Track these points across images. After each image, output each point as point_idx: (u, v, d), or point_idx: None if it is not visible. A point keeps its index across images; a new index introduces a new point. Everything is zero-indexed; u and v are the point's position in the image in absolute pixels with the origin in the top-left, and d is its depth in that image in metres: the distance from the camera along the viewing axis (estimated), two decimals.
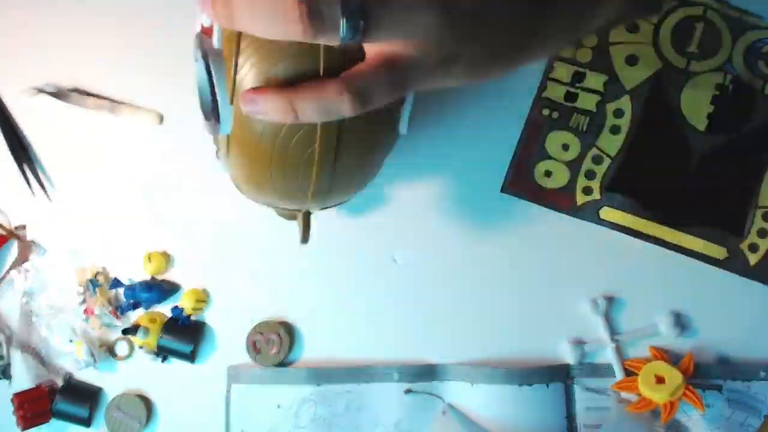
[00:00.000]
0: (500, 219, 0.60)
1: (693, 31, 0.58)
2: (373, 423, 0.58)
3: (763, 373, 0.57)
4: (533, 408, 0.57)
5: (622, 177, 0.59)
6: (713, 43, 0.59)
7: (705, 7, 0.58)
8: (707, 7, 0.58)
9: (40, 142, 0.63)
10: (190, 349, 0.59)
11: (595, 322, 0.58)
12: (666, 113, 0.58)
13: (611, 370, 0.58)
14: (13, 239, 0.62)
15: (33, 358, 0.61)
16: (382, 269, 0.60)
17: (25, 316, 0.62)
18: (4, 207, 0.63)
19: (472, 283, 0.60)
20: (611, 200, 0.59)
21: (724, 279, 0.58)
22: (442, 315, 0.60)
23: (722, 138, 0.58)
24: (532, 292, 0.59)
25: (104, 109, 0.62)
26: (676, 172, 0.58)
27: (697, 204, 0.58)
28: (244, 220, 0.61)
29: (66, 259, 0.62)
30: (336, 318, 0.60)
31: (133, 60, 0.63)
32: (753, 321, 0.58)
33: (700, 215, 0.58)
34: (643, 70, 0.59)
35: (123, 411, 0.60)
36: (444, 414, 0.57)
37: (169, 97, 0.62)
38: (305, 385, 0.59)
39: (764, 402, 0.57)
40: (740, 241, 0.58)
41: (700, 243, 0.58)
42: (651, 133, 0.59)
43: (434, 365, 0.59)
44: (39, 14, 0.64)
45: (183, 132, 0.62)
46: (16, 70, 0.63)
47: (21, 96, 0.63)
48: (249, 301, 0.61)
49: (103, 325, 0.61)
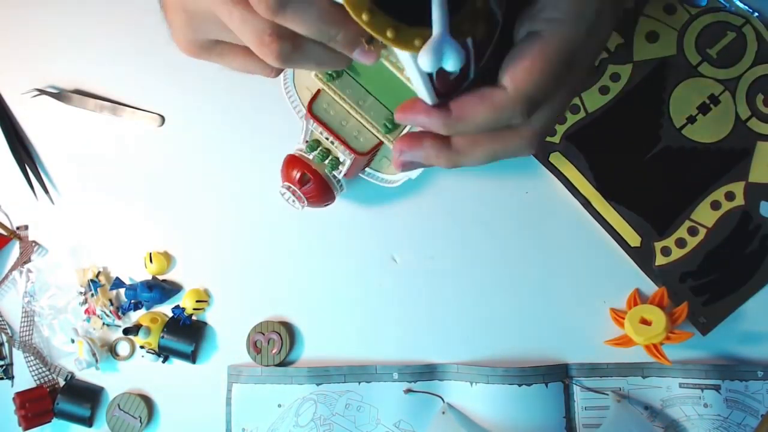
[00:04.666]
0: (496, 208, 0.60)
1: (721, 38, 0.59)
2: (373, 423, 0.58)
3: (760, 373, 0.57)
4: (532, 408, 0.57)
5: (586, 133, 0.59)
6: (733, 56, 0.59)
7: (746, 21, 0.58)
8: (748, 21, 0.58)
9: (42, 144, 0.63)
10: (191, 349, 0.60)
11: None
12: (655, 97, 0.59)
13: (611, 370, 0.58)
14: (15, 240, 0.63)
15: (35, 358, 0.61)
16: (382, 269, 0.60)
17: (26, 316, 0.62)
18: (5, 208, 0.63)
19: (472, 283, 0.60)
20: (566, 149, 0.59)
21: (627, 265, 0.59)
22: (442, 315, 0.60)
23: (691, 143, 0.59)
24: (532, 292, 0.59)
25: (106, 110, 0.62)
26: (636, 152, 0.59)
27: (637, 189, 0.59)
28: (244, 220, 0.61)
29: (67, 259, 0.62)
30: (336, 318, 0.60)
31: (134, 62, 0.63)
32: (752, 321, 0.58)
33: (635, 200, 0.59)
34: (657, 49, 0.59)
35: (124, 411, 0.60)
36: (443, 414, 0.58)
37: (170, 99, 0.63)
38: (305, 384, 0.59)
39: (762, 402, 0.57)
40: (656, 240, 0.58)
41: (623, 224, 0.59)
42: (633, 108, 0.59)
43: (434, 365, 0.59)
44: (40, 16, 0.64)
45: (184, 133, 0.62)
46: (18, 72, 0.63)
47: (23, 97, 0.63)
48: (250, 301, 0.61)
49: (104, 325, 0.61)
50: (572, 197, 0.59)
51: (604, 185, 0.59)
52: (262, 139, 0.62)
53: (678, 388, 0.57)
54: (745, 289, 0.58)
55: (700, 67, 0.59)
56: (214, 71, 0.63)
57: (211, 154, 0.62)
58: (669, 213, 0.59)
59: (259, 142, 0.62)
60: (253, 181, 0.62)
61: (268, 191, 0.61)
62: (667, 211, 0.59)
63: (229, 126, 0.62)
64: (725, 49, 0.58)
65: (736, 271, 0.58)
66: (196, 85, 0.63)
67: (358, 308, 0.60)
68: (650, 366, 0.58)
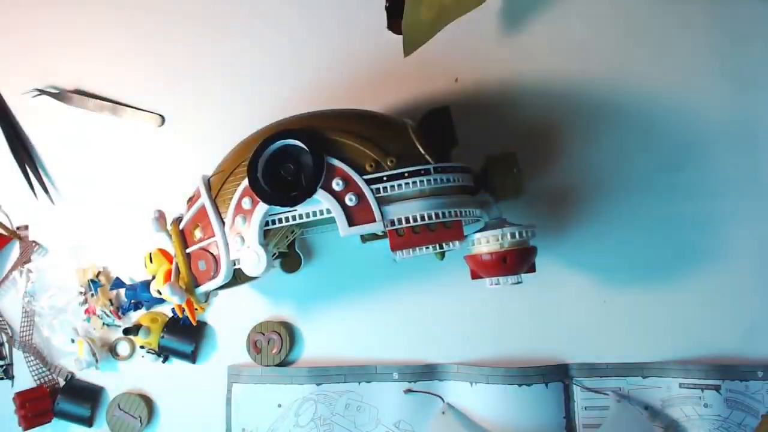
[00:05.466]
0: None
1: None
2: (373, 422, 0.58)
3: (760, 373, 0.57)
4: (532, 407, 0.57)
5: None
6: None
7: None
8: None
9: (42, 144, 0.63)
10: (191, 349, 0.60)
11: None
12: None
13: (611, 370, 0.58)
14: (15, 240, 0.63)
15: (35, 358, 0.61)
16: (382, 269, 0.60)
17: (26, 316, 0.62)
18: (6, 208, 0.63)
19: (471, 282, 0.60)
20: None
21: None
22: (442, 315, 0.60)
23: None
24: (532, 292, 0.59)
25: (106, 110, 0.63)
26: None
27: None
28: None
29: (67, 259, 0.62)
30: (336, 318, 0.60)
31: (134, 62, 0.63)
32: (751, 321, 0.58)
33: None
34: None
35: (124, 411, 0.60)
36: (443, 413, 0.58)
37: (170, 99, 0.63)
38: (305, 384, 0.59)
39: (762, 402, 0.57)
40: None
41: None
42: None
43: (434, 365, 0.59)
44: (41, 16, 0.64)
45: (184, 133, 0.62)
46: (18, 72, 0.63)
47: (23, 97, 0.63)
48: (249, 301, 0.61)
49: (104, 325, 0.61)
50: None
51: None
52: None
53: (678, 388, 0.57)
54: None
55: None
56: (214, 71, 0.63)
57: (211, 154, 0.62)
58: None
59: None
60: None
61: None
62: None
63: (229, 126, 0.62)
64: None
65: None
66: (196, 85, 0.63)
67: (358, 308, 0.60)
68: (650, 366, 0.58)
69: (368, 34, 0.62)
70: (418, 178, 0.47)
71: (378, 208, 0.46)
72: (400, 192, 0.47)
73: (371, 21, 0.61)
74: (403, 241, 0.48)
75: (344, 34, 0.62)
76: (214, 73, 0.63)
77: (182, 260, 0.51)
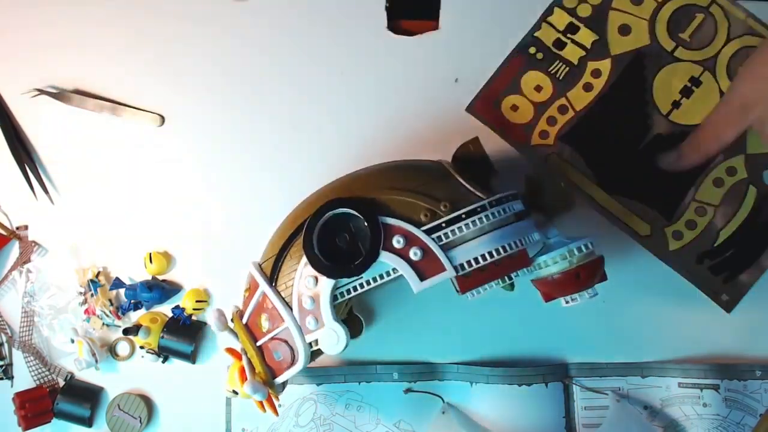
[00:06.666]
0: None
1: (691, 20, 0.59)
2: (373, 423, 0.58)
3: (759, 372, 0.57)
4: (532, 407, 0.57)
5: (578, 132, 0.60)
6: (706, 37, 0.59)
7: (712, 0, 0.59)
8: (714, 0, 0.59)
9: (41, 143, 0.63)
10: (190, 349, 0.60)
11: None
12: (638, 87, 0.59)
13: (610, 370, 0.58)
14: (15, 240, 0.63)
15: (34, 358, 0.61)
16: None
17: (26, 316, 0.62)
18: (5, 208, 0.63)
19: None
20: (561, 150, 0.59)
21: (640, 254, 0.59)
22: (442, 315, 0.60)
23: (680, 126, 0.59)
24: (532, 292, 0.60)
25: (106, 110, 0.62)
26: (629, 143, 0.59)
27: (637, 179, 0.59)
28: (244, 220, 0.61)
29: (67, 259, 0.62)
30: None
31: (134, 62, 0.63)
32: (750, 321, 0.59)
33: (637, 190, 0.59)
34: (632, 41, 0.60)
35: (124, 411, 0.60)
36: (444, 413, 0.58)
37: (170, 99, 0.63)
38: (305, 384, 0.59)
39: (760, 401, 0.57)
40: (666, 226, 0.58)
41: (629, 215, 0.59)
42: (619, 101, 0.59)
43: (434, 365, 0.59)
44: (41, 16, 0.64)
45: (184, 133, 0.62)
46: (17, 72, 0.63)
47: (23, 97, 0.63)
48: None
49: (104, 325, 0.61)
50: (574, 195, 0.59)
51: (603, 180, 0.59)
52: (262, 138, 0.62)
53: (677, 387, 0.58)
54: (763, 258, 0.58)
55: (675, 52, 0.59)
56: (213, 71, 0.63)
57: (211, 154, 0.62)
58: (673, 197, 0.59)
59: (259, 142, 0.62)
60: (253, 181, 0.62)
61: (267, 191, 0.61)
62: (671, 196, 0.59)
63: (229, 126, 0.62)
64: (697, 30, 0.59)
65: (750, 244, 0.58)
66: (196, 85, 0.63)
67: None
68: (650, 366, 0.58)
69: (369, 33, 0.62)
70: (476, 217, 0.46)
71: (445, 256, 0.45)
72: (461, 235, 0.45)
73: (371, 21, 0.62)
74: (471, 281, 0.47)
75: (344, 34, 0.62)
76: (214, 73, 0.63)
77: (254, 355, 0.50)
